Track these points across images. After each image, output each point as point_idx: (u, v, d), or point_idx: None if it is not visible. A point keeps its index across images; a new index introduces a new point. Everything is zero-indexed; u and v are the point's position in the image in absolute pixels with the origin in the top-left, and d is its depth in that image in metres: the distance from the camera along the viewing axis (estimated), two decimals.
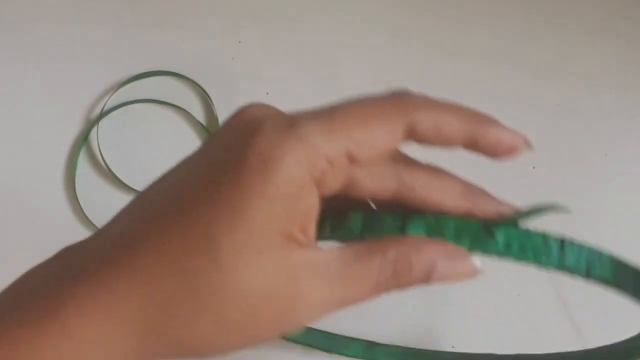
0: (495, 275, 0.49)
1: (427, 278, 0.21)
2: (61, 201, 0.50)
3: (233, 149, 0.20)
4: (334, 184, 0.21)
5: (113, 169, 0.50)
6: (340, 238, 0.22)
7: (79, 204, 0.49)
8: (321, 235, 0.21)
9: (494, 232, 0.21)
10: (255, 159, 0.19)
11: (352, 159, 0.20)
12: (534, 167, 0.52)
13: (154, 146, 0.51)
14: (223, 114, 0.52)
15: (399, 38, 0.55)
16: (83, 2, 0.54)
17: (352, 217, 0.22)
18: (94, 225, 0.49)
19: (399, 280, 0.21)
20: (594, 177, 0.53)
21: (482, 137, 0.21)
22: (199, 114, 0.52)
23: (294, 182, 0.19)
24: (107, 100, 0.51)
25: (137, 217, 0.21)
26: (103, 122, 0.51)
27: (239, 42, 0.54)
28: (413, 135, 0.21)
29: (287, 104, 0.23)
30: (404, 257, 0.21)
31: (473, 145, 0.21)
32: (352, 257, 0.21)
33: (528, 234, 0.21)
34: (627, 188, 0.53)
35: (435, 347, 0.47)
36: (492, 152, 0.22)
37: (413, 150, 0.23)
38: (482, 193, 0.22)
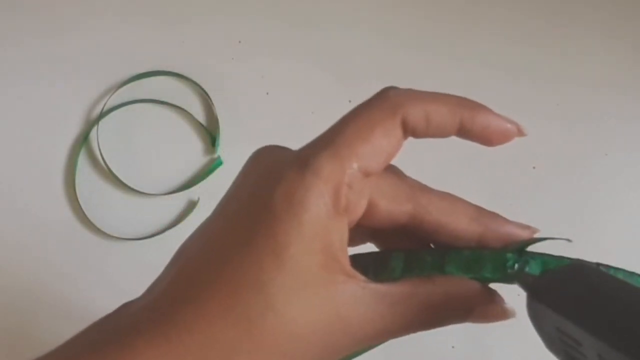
0: None
1: (464, 320, 0.23)
2: (61, 201, 0.50)
3: (258, 196, 0.21)
4: (358, 207, 0.22)
5: (113, 169, 0.50)
6: (384, 280, 0.22)
7: (78, 204, 0.49)
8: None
9: (529, 261, 0.21)
10: (282, 204, 0.21)
11: (366, 174, 0.21)
12: (534, 167, 0.52)
13: (154, 146, 0.51)
14: (223, 114, 0.52)
15: (401, 38, 0.55)
16: (83, 3, 0.54)
17: (394, 259, 0.23)
18: (94, 225, 0.49)
19: (440, 321, 0.23)
20: (594, 177, 0.53)
21: (471, 125, 0.22)
22: (199, 114, 0.52)
23: (322, 216, 0.21)
24: (107, 100, 0.51)
25: (183, 270, 0.22)
26: (103, 122, 0.51)
27: (239, 42, 0.54)
28: (407, 129, 0.22)
29: (287, 104, 0.24)
30: (445, 302, 0.22)
31: (465, 132, 0.22)
32: (399, 295, 0.22)
33: (562, 260, 0.21)
34: (627, 188, 0.53)
35: (434, 346, 0.47)
36: (484, 138, 0.22)
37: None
38: (493, 216, 0.23)
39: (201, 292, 0.21)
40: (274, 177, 0.21)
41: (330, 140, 0.21)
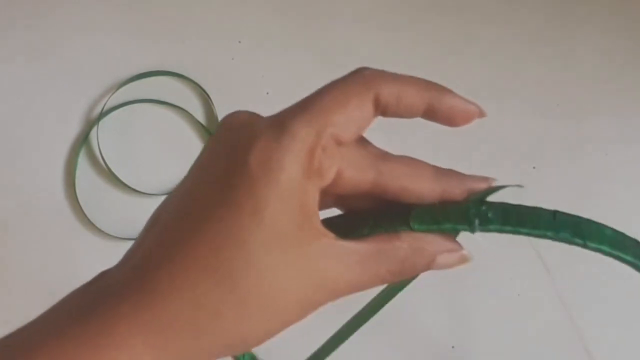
0: (495, 275, 0.49)
1: (427, 269, 0.25)
2: (61, 201, 0.50)
3: (234, 158, 0.22)
4: (330, 172, 0.23)
5: (113, 169, 0.50)
6: (353, 238, 0.24)
7: (78, 203, 0.49)
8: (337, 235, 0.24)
9: (487, 210, 0.23)
10: (257, 165, 0.21)
11: (338, 141, 0.23)
12: (534, 167, 0.52)
13: (154, 146, 0.51)
14: (223, 114, 0.51)
15: (402, 37, 0.55)
16: (83, 3, 0.54)
17: (362, 219, 0.25)
18: (93, 225, 0.49)
19: (406, 272, 0.24)
20: (594, 177, 0.53)
21: (438, 104, 0.23)
22: (199, 114, 0.52)
23: (298, 177, 0.22)
24: (107, 100, 0.51)
25: (162, 234, 0.23)
26: (103, 122, 0.51)
27: (239, 42, 0.54)
28: (378, 106, 0.23)
29: (287, 104, 0.24)
30: (411, 256, 0.24)
31: (431, 113, 0.24)
32: (369, 251, 0.23)
33: (520, 207, 0.23)
34: (627, 188, 0.53)
35: (434, 346, 0.47)
36: (448, 119, 0.24)
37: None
38: (451, 173, 0.25)
39: (183, 255, 0.22)
40: (250, 139, 0.22)
41: (306, 107, 0.22)
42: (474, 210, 0.23)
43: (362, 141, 0.24)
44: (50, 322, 0.23)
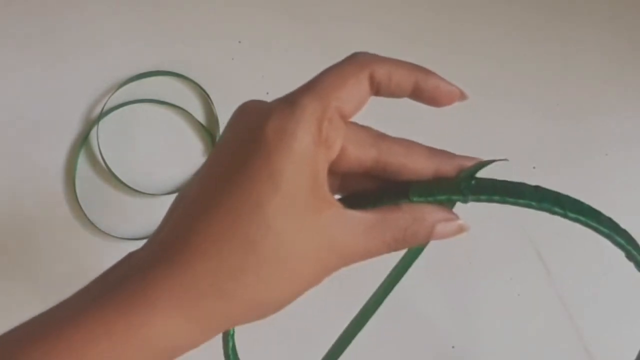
0: (495, 275, 0.49)
1: (428, 239, 0.27)
2: (61, 201, 0.50)
3: (250, 131, 0.24)
4: (335, 143, 0.25)
5: (113, 169, 0.50)
6: (359, 209, 0.26)
7: (78, 203, 0.49)
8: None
9: (477, 182, 0.26)
10: (273, 134, 0.24)
11: (342, 115, 0.25)
12: (534, 167, 0.52)
13: (154, 146, 0.51)
14: (223, 114, 0.52)
15: (403, 37, 0.55)
16: (83, 3, 0.54)
17: (366, 193, 0.27)
18: (93, 225, 0.49)
19: (408, 240, 0.26)
20: (594, 177, 0.53)
21: (424, 84, 0.26)
22: (199, 114, 0.52)
23: (309, 145, 0.24)
24: (107, 100, 0.51)
25: (187, 209, 0.25)
26: (103, 122, 0.51)
27: (239, 42, 0.54)
28: (373, 84, 0.26)
29: None
30: (412, 224, 0.26)
31: (417, 92, 0.26)
32: (373, 219, 0.26)
33: (506, 181, 0.26)
34: (627, 188, 0.53)
35: (434, 346, 0.47)
36: (432, 98, 0.26)
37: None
38: (443, 152, 0.27)
39: (207, 224, 0.24)
40: (264, 114, 0.24)
41: (312, 86, 0.25)
42: (465, 182, 0.26)
43: (364, 125, 0.27)
44: (84, 296, 0.24)
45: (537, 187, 0.26)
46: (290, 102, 0.25)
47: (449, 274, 0.49)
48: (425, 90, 0.26)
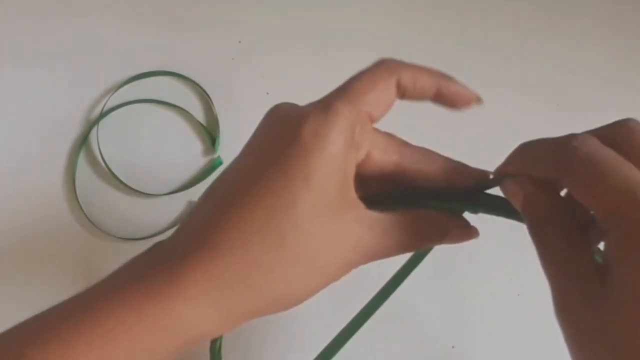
0: (495, 275, 0.49)
1: (441, 242, 0.28)
2: (61, 201, 0.50)
3: (287, 133, 0.25)
4: (364, 146, 0.26)
5: (113, 169, 0.50)
6: (378, 210, 0.28)
7: (78, 204, 0.49)
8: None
9: (486, 197, 0.29)
10: (309, 137, 0.25)
11: (372, 119, 0.26)
12: None
13: (154, 146, 0.51)
14: (223, 114, 0.52)
15: (402, 38, 0.55)
16: (83, 3, 0.54)
17: (386, 196, 0.29)
18: (93, 225, 0.49)
19: (425, 240, 0.28)
20: None
21: (445, 89, 0.28)
22: (199, 114, 0.52)
23: (341, 149, 0.25)
24: (107, 100, 0.51)
25: (218, 202, 0.26)
26: (103, 122, 0.51)
27: (239, 42, 0.54)
28: (399, 88, 0.27)
29: None
30: (428, 228, 0.28)
31: (439, 96, 0.28)
32: (393, 220, 0.27)
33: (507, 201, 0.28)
34: None
35: (434, 346, 0.47)
36: (452, 102, 0.28)
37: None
38: (458, 163, 0.29)
39: (239, 217, 0.25)
40: (301, 117, 0.25)
41: (343, 92, 0.26)
42: (476, 196, 0.28)
43: (388, 132, 0.29)
44: (105, 285, 0.25)
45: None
46: (326, 106, 0.26)
47: (449, 274, 0.49)
48: (446, 95, 0.28)
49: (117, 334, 0.23)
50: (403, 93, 0.27)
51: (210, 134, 0.51)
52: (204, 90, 0.52)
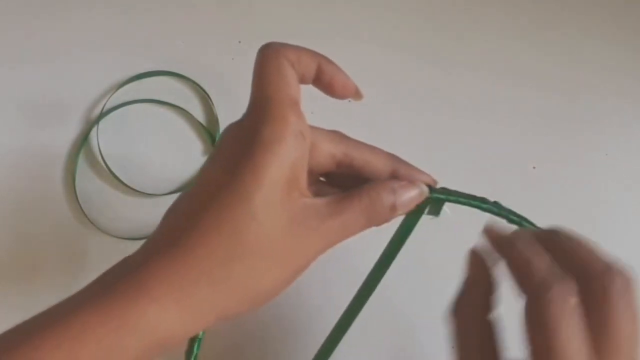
0: (495, 275, 0.49)
1: (393, 212, 0.30)
2: (61, 201, 0.50)
3: (236, 138, 0.27)
4: (307, 133, 0.28)
5: (113, 169, 0.50)
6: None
7: (78, 203, 0.49)
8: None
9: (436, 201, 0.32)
10: (268, 135, 0.26)
11: (298, 102, 0.28)
12: (534, 167, 0.52)
13: (154, 146, 0.51)
14: (223, 114, 0.52)
15: (402, 39, 0.55)
16: (83, 3, 0.54)
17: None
18: (93, 225, 0.49)
19: (374, 219, 0.29)
20: (594, 177, 0.53)
21: (325, 67, 0.30)
22: (199, 114, 0.52)
23: (289, 138, 0.26)
24: (107, 100, 0.51)
25: (179, 210, 0.28)
26: (103, 122, 0.51)
27: (239, 42, 0.54)
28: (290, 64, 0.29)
29: None
30: (374, 201, 0.29)
31: (319, 76, 0.30)
32: (339, 202, 0.28)
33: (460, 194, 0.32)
34: (627, 188, 0.53)
35: (434, 347, 0.47)
36: (330, 86, 0.30)
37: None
38: (398, 159, 0.31)
39: (198, 217, 0.26)
40: (249, 123, 0.27)
41: (261, 89, 0.29)
42: (430, 200, 0.31)
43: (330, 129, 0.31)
44: (82, 295, 0.26)
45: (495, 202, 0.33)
46: (257, 109, 0.27)
47: (449, 274, 0.49)
48: (326, 72, 0.30)
49: (85, 335, 0.24)
50: (291, 67, 0.29)
51: (210, 134, 0.51)
52: (204, 90, 0.52)
